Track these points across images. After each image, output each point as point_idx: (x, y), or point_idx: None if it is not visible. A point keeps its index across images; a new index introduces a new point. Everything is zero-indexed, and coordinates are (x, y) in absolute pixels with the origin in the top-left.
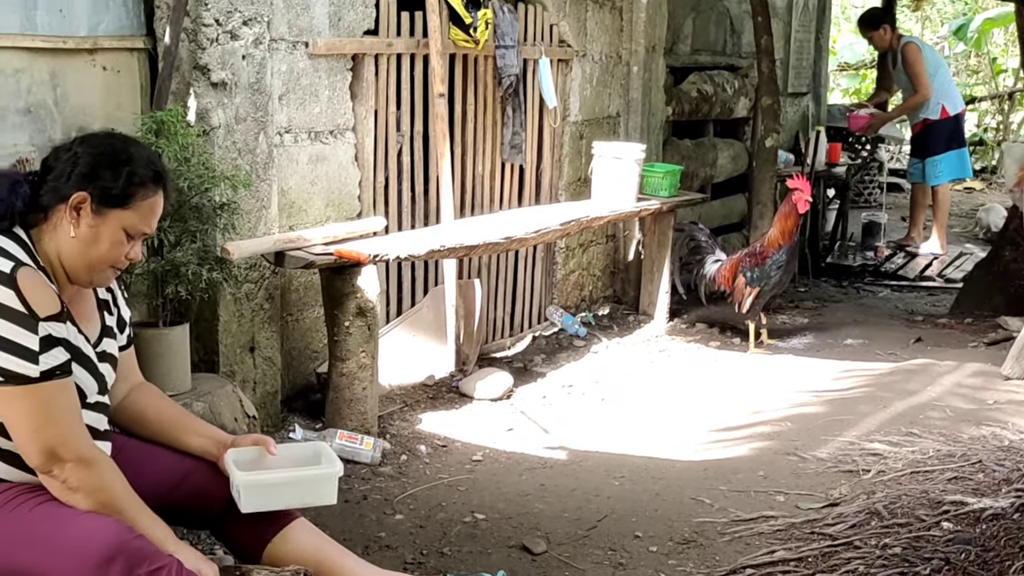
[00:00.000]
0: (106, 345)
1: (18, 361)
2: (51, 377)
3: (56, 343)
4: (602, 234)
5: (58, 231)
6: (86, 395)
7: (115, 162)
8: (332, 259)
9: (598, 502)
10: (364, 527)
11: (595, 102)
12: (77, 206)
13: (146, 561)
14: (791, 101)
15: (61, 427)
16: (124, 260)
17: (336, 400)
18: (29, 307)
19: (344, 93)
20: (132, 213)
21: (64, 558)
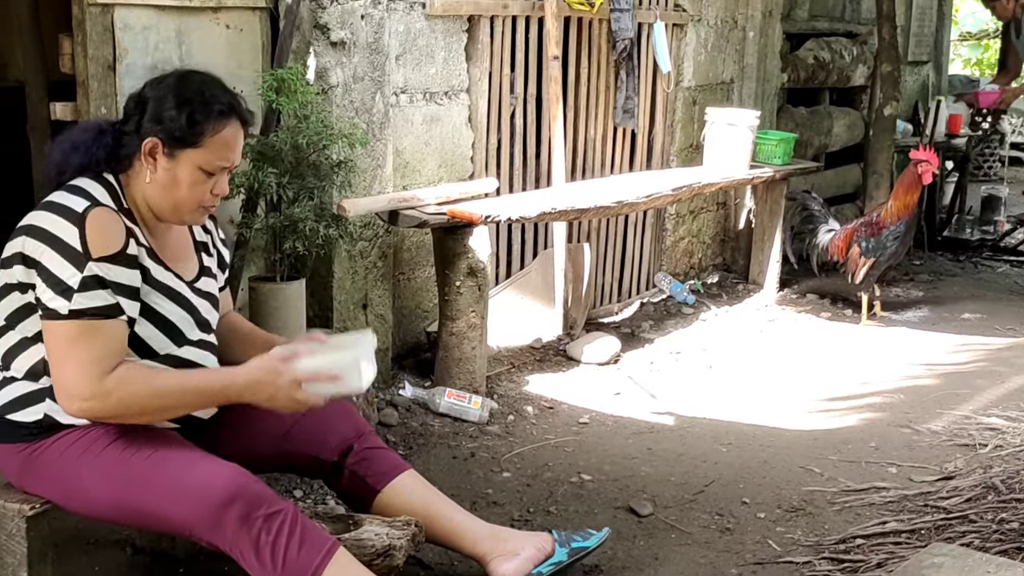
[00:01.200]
0: (204, 284)
1: (55, 297)
2: (80, 316)
3: (103, 285)
4: (713, 201)
5: (140, 176)
6: (184, 332)
7: (179, 103)
8: (445, 219)
9: (705, 468)
10: (472, 483)
11: (709, 67)
12: (151, 152)
13: (264, 504)
14: (911, 70)
15: (78, 366)
16: (210, 197)
17: (445, 359)
18: (85, 246)
19: (459, 54)
20: (204, 151)
21: (184, 501)
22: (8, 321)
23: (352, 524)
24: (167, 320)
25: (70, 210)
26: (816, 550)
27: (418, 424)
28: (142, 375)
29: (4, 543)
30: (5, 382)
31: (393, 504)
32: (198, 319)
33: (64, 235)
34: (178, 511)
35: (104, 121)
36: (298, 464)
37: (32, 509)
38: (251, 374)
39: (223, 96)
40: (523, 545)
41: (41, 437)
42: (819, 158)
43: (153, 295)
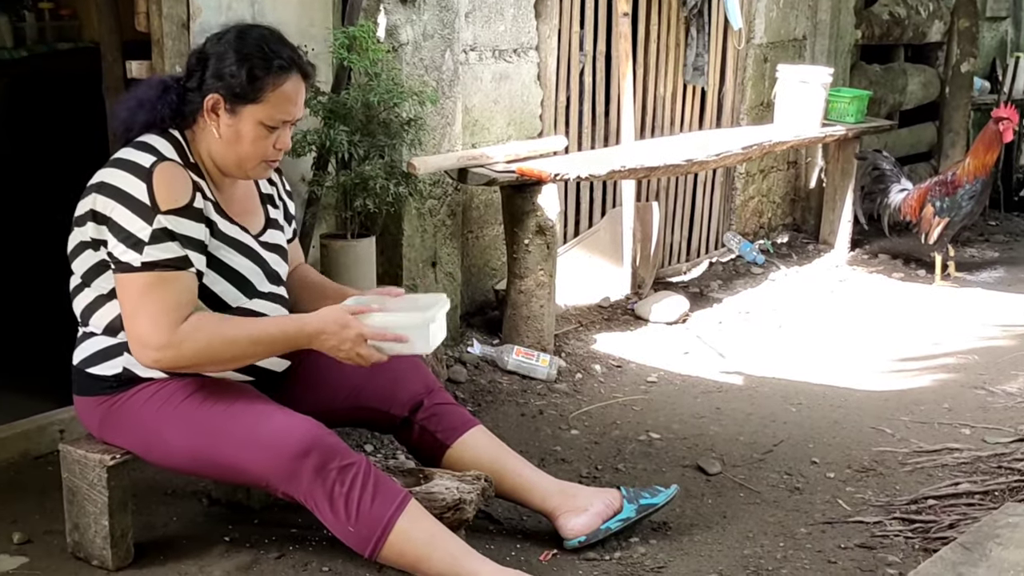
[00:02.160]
0: (271, 236)
1: (126, 250)
2: (152, 268)
3: (172, 238)
4: (783, 160)
5: (205, 132)
6: (254, 283)
7: (239, 59)
8: (514, 177)
9: (774, 427)
10: (540, 440)
11: (781, 24)
12: (213, 108)
13: (337, 457)
14: (989, 26)
15: (150, 316)
16: (273, 151)
17: (514, 317)
18: (153, 200)
19: (528, 11)
20: (265, 106)
21: (261, 452)
22: (84, 279)
23: (423, 478)
24: (237, 273)
25: (137, 166)
26: (887, 510)
27: (486, 381)
28: (212, 323)
29: (87, 492)
30: (84, 337)
31: (463, 459)
32: (267, 271)
33: (133, 190)
34: (254, 462)
35: (169, 77)
36: (369, 419)
37: (113, 459)
38: (319, 323)
39: (283, 50)
40: (591, 501)
41: (120, 390)
42: (893, 116)
43: (222, 249)
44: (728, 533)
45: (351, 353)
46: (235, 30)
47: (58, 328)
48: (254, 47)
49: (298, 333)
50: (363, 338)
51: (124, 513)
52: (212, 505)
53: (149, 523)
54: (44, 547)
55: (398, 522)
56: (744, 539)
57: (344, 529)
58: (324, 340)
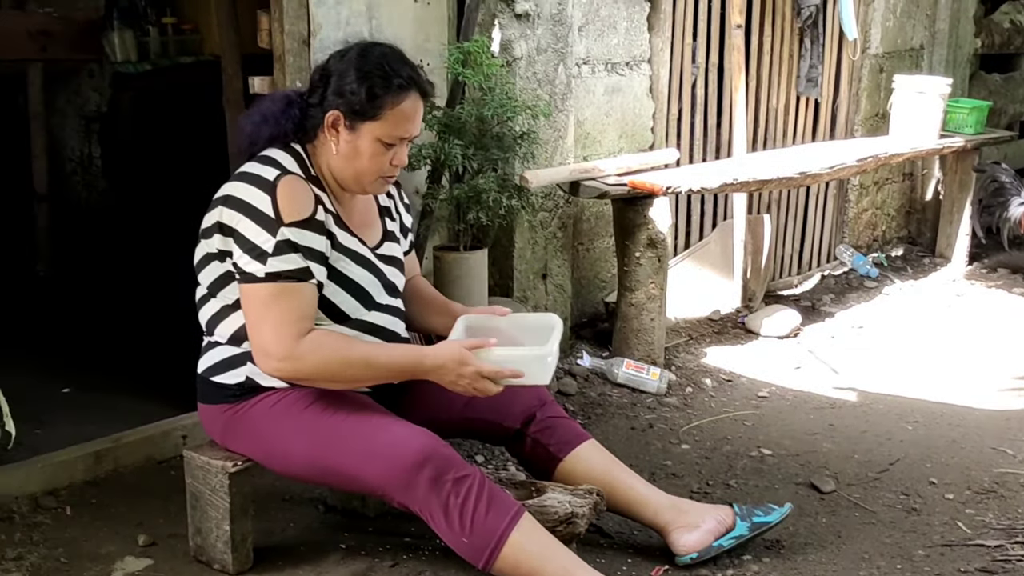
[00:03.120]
0: (388, 248)
1: (250, 261)
2: (276, 279)
3: (295, 249)
4: (899, 172)
5: (325, 146)
6: (372, 295)
7: (359, 77)
8: (625, 190)
9: (890, 445)
10: (650, 454)
11: (897, 34)
12: (333, 124)
13: (453, 468)
14: None
15: (274, 326)
16: (390, 167)
17: (623, 329)
18: (277, 212)
19: (641, 24)
20: (383, 123)
21: (377, 462)
22: (210, 289)
23: (535, 491)
24: (356, 284)
25: (262, 179)
26: (1008, 534)
27: (596, 394)
28: (335, 343)
29: (209, 497)
30: (209, 346)
31: (575, 472)
32: (385, 283)
33: (257, 203)
34: (371, 472)
35: (292, 92)
36: (481, 431)
37: (235, 466)
38: (438, 359)
39: (403, 69)
40: (704, 517)
41: (243, 398)
42: (1013, 127)
43: (342, 261)
44: (843, 554)
45: (468, 388)
46: (357, 48)
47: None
48: (375, 65)
49: (416, 367)
50: (480, 375)
51: (244, 518)
52: (328, 512)
53: (267, 528)
54: (168, 550)
55: (512, 534)
56: (859, 560)
57: (458, 540)
58: (442, 375)
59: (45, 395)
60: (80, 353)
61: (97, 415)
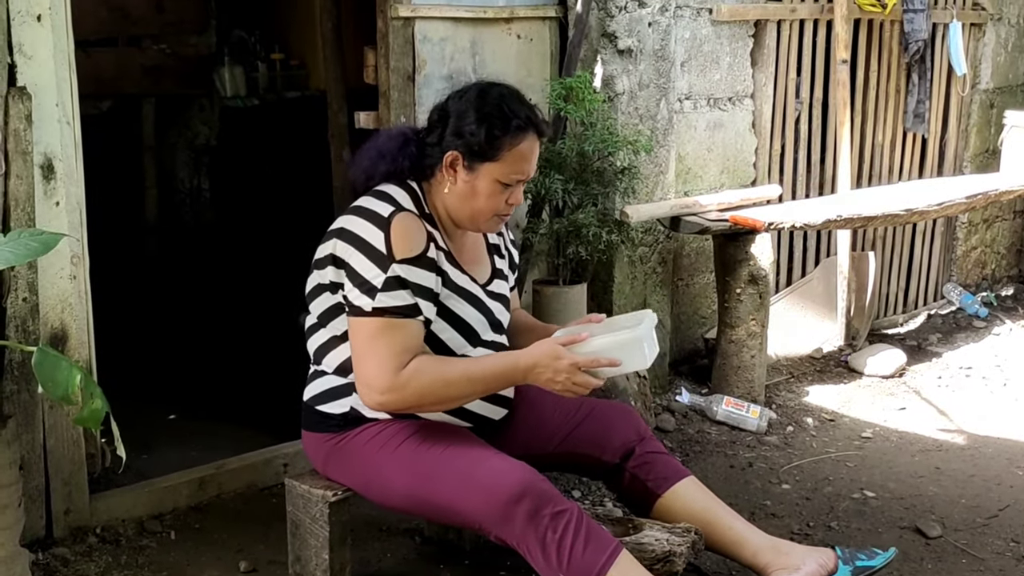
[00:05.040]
0: (496, 286)
1: (360, 295)
2: (383, 314)
3: (404, 286)
4: (1009, 210)
5: (442, 186)
6: (479, 332)
7: (478, 118)
8: (726, 225)
9: (999, 491)
10: (749, 494)
11: (1009, 69)
12: (451, 164)
13: (551, 503)
14: None
15: (378, 361)
16: (506, 207)
17: (723, 366)
18: (390, 248)
19: (744, 59)
20: (501, 164)
21: (475, 495)
22: (320, 319)
23: (632, 528)
24: (464, 322)
25: (377, 215)
26: None
27: (694, 431)
28: (432, 366)
29: (309, 526)
30: (316, 375)
31: (673, 509)
32: (491, 320)
33: (370, 238)
34: (468, 504)
35: (409, 129)
36: (580, 464)
37: (335, 495)
38: (533, 357)
39: (521, 110)
40: (804, 559)
41: (346, 429)
42: None
43: (452, 298)
44: None
45: (567, 383)
46: (476, 88)
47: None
48: (494, 107)
49: (513, 369)
50: (577, 367)
51: (343, 547)
52: (424, 544)
53: (364, 558)
54: None
55: (610, 572)
56: None
57: (555, 575)
58: (539, 374)
59: (152, 421)
60: (187, 381)
61: (202, 441)
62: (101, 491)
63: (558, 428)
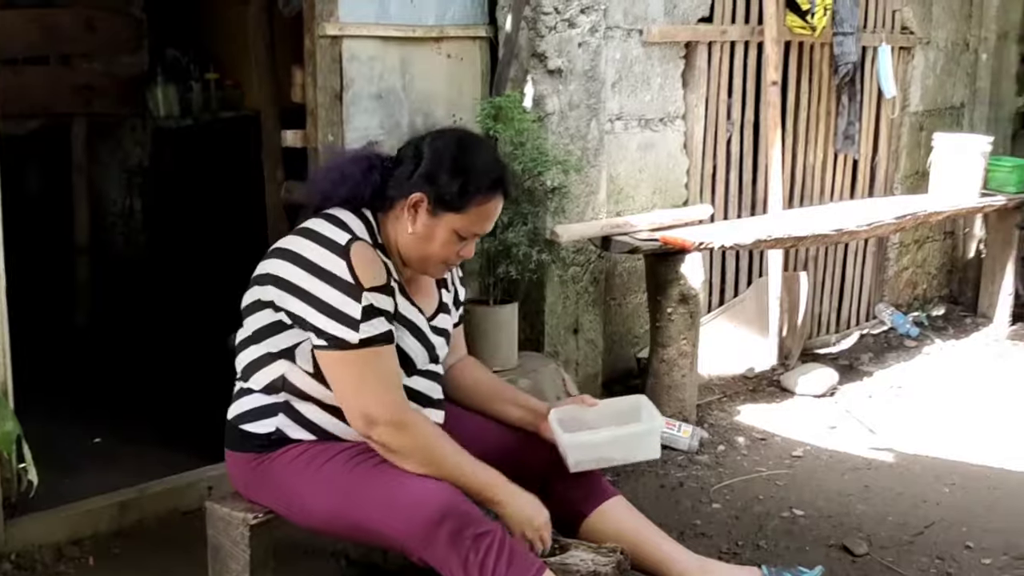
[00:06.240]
0: (440, 320)
1: (341, 327)
2: (370, 344)
3: (378, 313)
4: (940, 230)
5: (399, 222)
6: (416, 363)
7: (454, 168)
8: (657, 245)
9: (926, 508)
10: (679, 513)
11: (937, 92)
12: (415, 205)
13: (473, 525)
14: None
15: (376, 392)
16: (456, 258)
17: (655, 386)
18: (356, 277)
19: (676, 81)
20: (464, 217)
21: (398, 516)
22: (255, 335)
23: (558, 548)
24: (405, 354)
25: (333, 242)
26: None
27: None
28: (436, 430)
29: (230, 549)
30: (242, 393)
31: (601, 529)
32: (431, 354)
33: (332, 267)
34: (391, 525)
35: (373, 156)
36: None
37: (256, 518)
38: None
39: (495, 169)
40: None
41: (271, 449)
42: None
43: (400, 330)
44: None
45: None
46: (456, 137)
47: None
48: (472, 160)
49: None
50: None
51: (265, 571)
52: (350, 566)
53: None
54: None
55: None
56: None
57: None
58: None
59: (77, 444)
60: (115, 403)
61: (127, 465)
62: (17, 516)
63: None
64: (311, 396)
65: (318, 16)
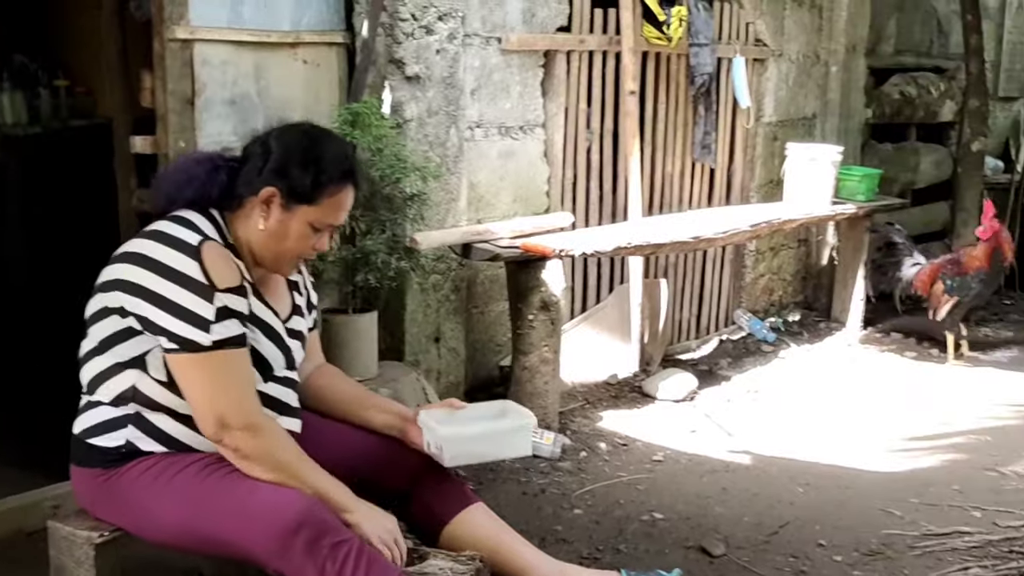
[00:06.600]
0: (295, 323)
1: (192, 329)
2: (223, 347)
3: (232, 315)
4: (794, 238)
5: (250, 220)
6: (273, 368)
7: (305, 160)
8: (518, 252)
9: (781, 508)
10: (541, 519)
11: (790, 103)
12: (267, 200)
13: (330, 533)
14: (1002, 106)
15: (230, 395)
16: (311, 251)
17: (517, 393)
18: (209, 278)
19: (535, 89)
20: (319, 209)
21: (252, 526)
22: (101, 345)
23: (417, 557)
24: (261, 356)
25: (184, 243)
26: None
27: None
28: (287, 437)
29: (73, 570)
30: (88, 406)
31: (460, 537)
32: (288, 358)
33: (183, 268)
34: (245, 536)
35: (217, 156)
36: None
37: (101, 537)
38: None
39: (346, 160)
40: None
41: (119, 464)
42: (905, 195)
43: (255, 332)
44: None
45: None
46: (303, 130)
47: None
48: (323, 152)
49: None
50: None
51: None
52: None
53: None
54: None
55: None
56: None
57: None
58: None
59: None
60: None
61: None
62: None
63: (346, 456)
64: (163, 406)
65: (167, 19)
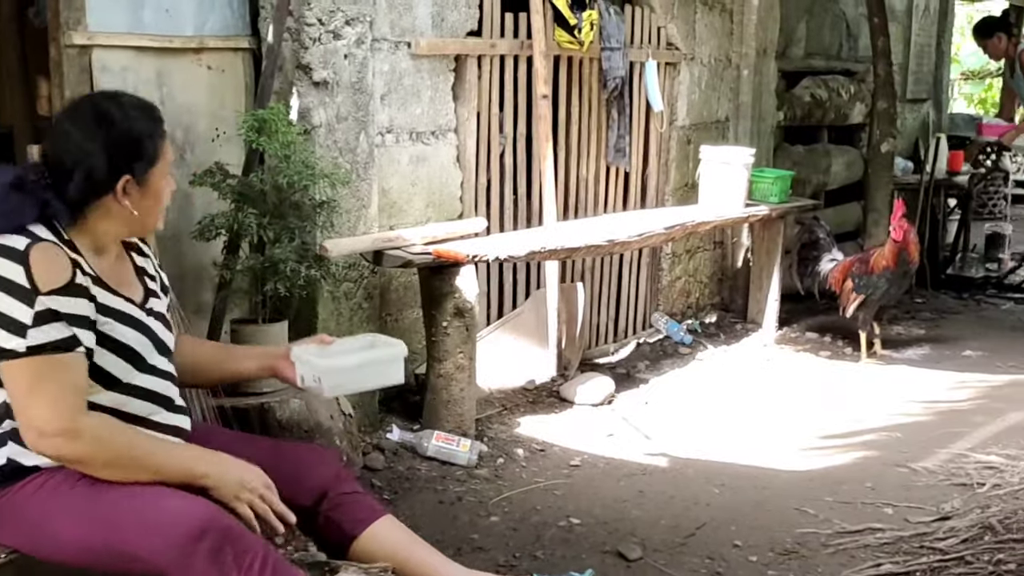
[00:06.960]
0: (154, 304)
1: (8, 336)
2: (40, 352)
3: (57, 318)
4: (709, 240)
5: (111, 215)
6: (144, 356)
7: (136, 134)
8: (430, 259)
9: (697, 510)
10: (457, 528)
11: (703, 106)
12: (123, 188)
13: (235, 542)
14: (910, 107)
15: (44, 402)
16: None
17: (433, 401)
18: (32, 281)
19: (446, 94)
20: (163, 161)
21: (154, 535)
22: None
23: (328, 571)
24: (125, 346)
25: (11, 249)
26: None
27: (404, 468)
28: (118, 425)
29: None
30: None
31: (369, 549)
32: (156, 341)
33: (9, 274)
34: (148, 546)
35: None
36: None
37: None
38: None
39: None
40: None
41: (5, 485)
42: (818, 196)
43: (109, 323)
44: None
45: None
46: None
47: None
48: (131, 123)
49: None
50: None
51: None
52: None
53: None
54: None
55: None
56: None
57: None
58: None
59: None
60: None
61: None
62: None
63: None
64: None
65: (64, 24)
